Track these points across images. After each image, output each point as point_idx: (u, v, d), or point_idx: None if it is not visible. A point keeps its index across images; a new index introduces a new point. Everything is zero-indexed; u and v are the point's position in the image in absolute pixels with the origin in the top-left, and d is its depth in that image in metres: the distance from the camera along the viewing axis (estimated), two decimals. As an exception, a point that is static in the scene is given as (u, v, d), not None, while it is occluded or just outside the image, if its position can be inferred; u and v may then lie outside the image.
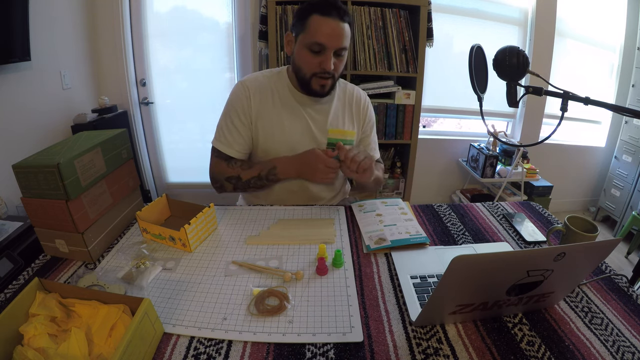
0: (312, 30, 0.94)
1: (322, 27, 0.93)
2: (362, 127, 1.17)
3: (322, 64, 0.96)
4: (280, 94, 1.06)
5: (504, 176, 2.41)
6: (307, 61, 0.97)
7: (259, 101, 1.04)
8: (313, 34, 0.93)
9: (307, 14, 0.95)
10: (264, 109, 1.04)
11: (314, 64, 0.96)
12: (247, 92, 1.03)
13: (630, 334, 0.61)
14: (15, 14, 1.51)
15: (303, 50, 0.97)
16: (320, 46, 0.94)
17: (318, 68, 0.97)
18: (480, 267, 0.52)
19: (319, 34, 0.93)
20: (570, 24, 2.47)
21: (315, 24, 0.93)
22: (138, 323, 0.52)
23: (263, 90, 1.05)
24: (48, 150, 0.78)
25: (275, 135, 1.05)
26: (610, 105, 0.66)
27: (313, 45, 0.94)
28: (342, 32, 0.95)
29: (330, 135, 1.06)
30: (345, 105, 1.13)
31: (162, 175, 2.68)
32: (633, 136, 2.47)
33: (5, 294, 0.70)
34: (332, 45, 0.94)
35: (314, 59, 0.96)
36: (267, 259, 0.80)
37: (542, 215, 1.03)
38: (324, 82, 1.00)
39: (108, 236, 0.85)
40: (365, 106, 1.17)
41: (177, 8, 2.27)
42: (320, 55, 0.96)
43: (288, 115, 1.05)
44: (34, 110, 1.74)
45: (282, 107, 1.05)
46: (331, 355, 0.56)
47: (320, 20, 0.93)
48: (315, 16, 0.93)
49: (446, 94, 2.58)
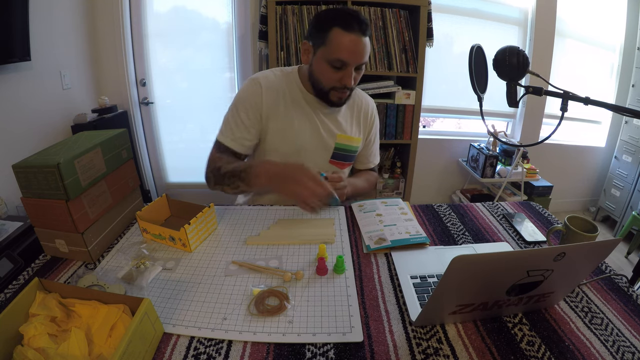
0: (334, 46, 0.90)
1: (344, 43, 0.89)
2: (367, 135, 1.18)
3: (342, 79, 0.94)
4: (291, 95, 1.05)
5: (504, 176, 2.41)
6: (327, 76, 0.95)
7: (271, 99, 1.02)
8: (335, 51, 0.90)
9: (327, 27, 0.91)
10: (275, 108, 1.03)
11: (334, 79, 0.95)
12: (260, 89, 1.01)
13: (630, 334, 0.61)
14: (15, 14, 1.51)
15: (323, 65, 0.94)
16: (342, 62, 0.91)
17: (338, 83, 0.95)
18: (480, 267, 0.52)
19: (341, 51, 0.90)
20: (570, 24, 2.47)
21: (337, 40, 0.90)
22: (138, 323, 0.52)
23: (275, 89, 1.03)
24: (48, 150, 0.78)
25: (284, 135, 1.04)
26: (610, 105, 0.66)
27: (335, 61, 0.91)
28: (365, 48, 0.92)
29: (339, 140, 1.06)
30: (354, 112, 1.13)
31: (162, 175, 2.68)
32: (633, 136, 2.47)
33: (5, 294, 0.70)
34: (354, 62, 0.92)
35: (334, 74, 0.94)
36: (267, 259, 0.80)
37: (542, 215, 1.03)
38: (342, 94, 0.99)
39: (108, 236, 0.85)
40: (373, 115, 1.18)
41: (177, 8, 2.27)
42: (341, 71, 0.93)
43: (298, 115, 1.05)
44: (34, 110, 1.74)
45: (293, 107, 1.04)
46: (331, 355, 0.56)
47: (342, 35, 0.89)
48: (336, 30, 0.90)
49: (446, 94, 2.58)
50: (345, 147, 1.11)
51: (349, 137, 1.09)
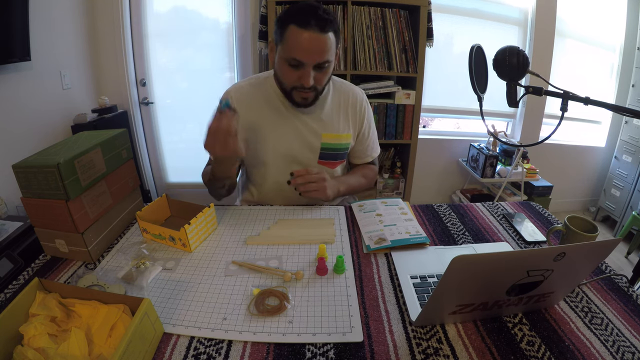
0: (290, 44, 0.86)
1: (299, 41, 0.84)
2: (359, 127, 1.13)
3: (300, 79, 0.90)
4: (268, 101, 1.02)
5: (504, 176, 2.41)
6: (287, 75, 0.92)
7: (247, 112, 0.99)
8: (290, 49, 0.86)
9: (285, 24, 0.86)
10: (251, 119, 1.01)
11: (293, 78, 0.91)
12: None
13: (630, 334, 0.61)
14: (15, 14, 1.51)
15: (282, 63, 0.90)
16: (297, 61, 0.87)
17: (298, 82, 0.91)
18: (480, 267, 0.52)
19: (296, 49, 0.85)
20: (570, 24, 2.47)
21: (292, 38, 0.85)
22: (138, 323, 0.52)
23: (247, 100, 1.01)
24: (48, 150, 0.78)
25: (267, 142, 1.03)
26: (610, 105, 0.66)
27: (291, 60, 0.87)
28: (322, 46, 0.86)
29: (324, 140, 1.04)
30: (341, 106, 1.08)
31: (162, 175, 2.68)
32: (633, 136, 2.47)
33: (5, 294, 0.70)
34: (310, 61, 0.87)
35: (293, 73, 0.90)
36: (267, 259, 0.80)
37: (542, 215, 1.03)
38: (305, 95, 0.94)
39: (108, 236, 0.85)
40: (362, 106, 1.12)
41: (177, 8, 2.27)
42: (299, 70, 0.89)
43: (278, 120, 1.02)
44: (34, 110, 1.74)
45: (270, 114, 1.02)
46: (331, 355, 0.56)
47: (297, 33, 0.84)
48: (292, 27, 0.85)
49: (446, 94, 2.58)
50: (332, 146, 1.07)
51: (335, 134, 1.05)
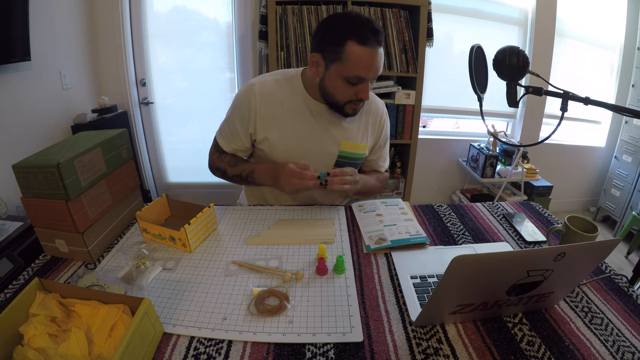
0: (351, 62, 0.85)
1: (361, 60, 0.84)
2: (376, 139, 1.13)
3: (359, 93, 0.91)
4: (293, 102, 1.00)
5: (504, 176, 2.41)
6: (342, 92, 0.91)
7: (266, 107, 0.99)
8: (352, 68, 0.85)
9: (341, 40, 0.84)
10: (271, 115, 0.99)
11: (350, 93, 0.91)
12: (254, 98, 0.98)
13: (630, 334, 0.61)
14: (15, 14, 1.51)
15: (338, 81, 0.89)
16: (359, 79, 0.88)
17: (355, 97, 0.92)
18: (480, 267, 0.52)
19: (359, 68, 0.85)
20: (570, 24, 2.47)
21: (354, 56, 0.84)
22: (138, 323, 0.52)
23: (272, 96, 0.99)
24: (48, 150, 0.78)
25: (283, 142, 1.01)
26: (610, 105, 0.66)
27: (352, 78, 0.87)
28: (381, 60, 0.87)
29: (343, 148, 1.04)
30: (362, 115, 1.07)
31: (162, 175, 2.68)
32: (633, 136, 2.47)
33: (5, 294, 0.70)
34: (371, 76, 0.88)
35: (350, 90, 0.90)
36: (267, 259, 0.80)
37: (542, 215, 1.03)
38: (357, 106, 0.96)
39: (108, 236, 0.85)
40: (382, 119, 1.13)
41: (177, 8, 2.27)
42: (358, 86, 0.90)
43: (299, 123, 1.01)
44: (34, 110, 1.74)
45: (294, 114, 1.00)
46: (331, 355, 0.56)
47: (359, 51, 0.84)
48: (352, 45, 0.84)
49: (446, 94, 2.58)
50: (349, 155, 1.07)
51: (353, 144, 1.05)
